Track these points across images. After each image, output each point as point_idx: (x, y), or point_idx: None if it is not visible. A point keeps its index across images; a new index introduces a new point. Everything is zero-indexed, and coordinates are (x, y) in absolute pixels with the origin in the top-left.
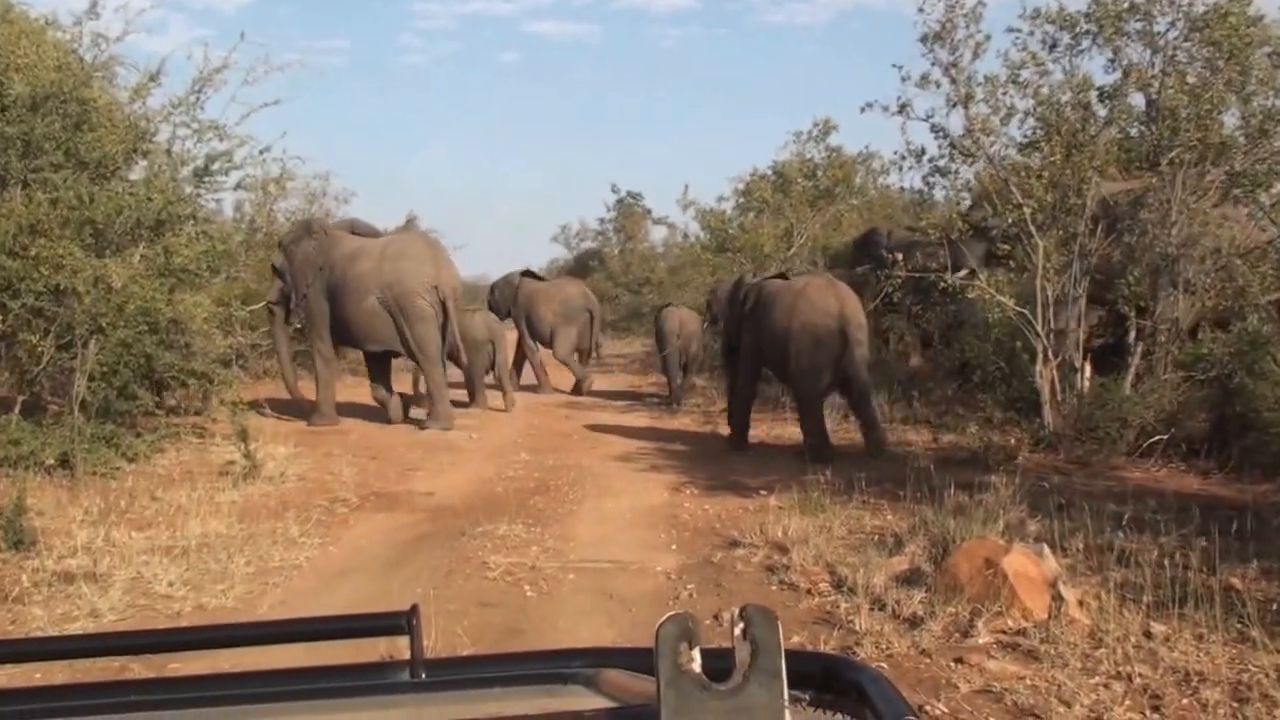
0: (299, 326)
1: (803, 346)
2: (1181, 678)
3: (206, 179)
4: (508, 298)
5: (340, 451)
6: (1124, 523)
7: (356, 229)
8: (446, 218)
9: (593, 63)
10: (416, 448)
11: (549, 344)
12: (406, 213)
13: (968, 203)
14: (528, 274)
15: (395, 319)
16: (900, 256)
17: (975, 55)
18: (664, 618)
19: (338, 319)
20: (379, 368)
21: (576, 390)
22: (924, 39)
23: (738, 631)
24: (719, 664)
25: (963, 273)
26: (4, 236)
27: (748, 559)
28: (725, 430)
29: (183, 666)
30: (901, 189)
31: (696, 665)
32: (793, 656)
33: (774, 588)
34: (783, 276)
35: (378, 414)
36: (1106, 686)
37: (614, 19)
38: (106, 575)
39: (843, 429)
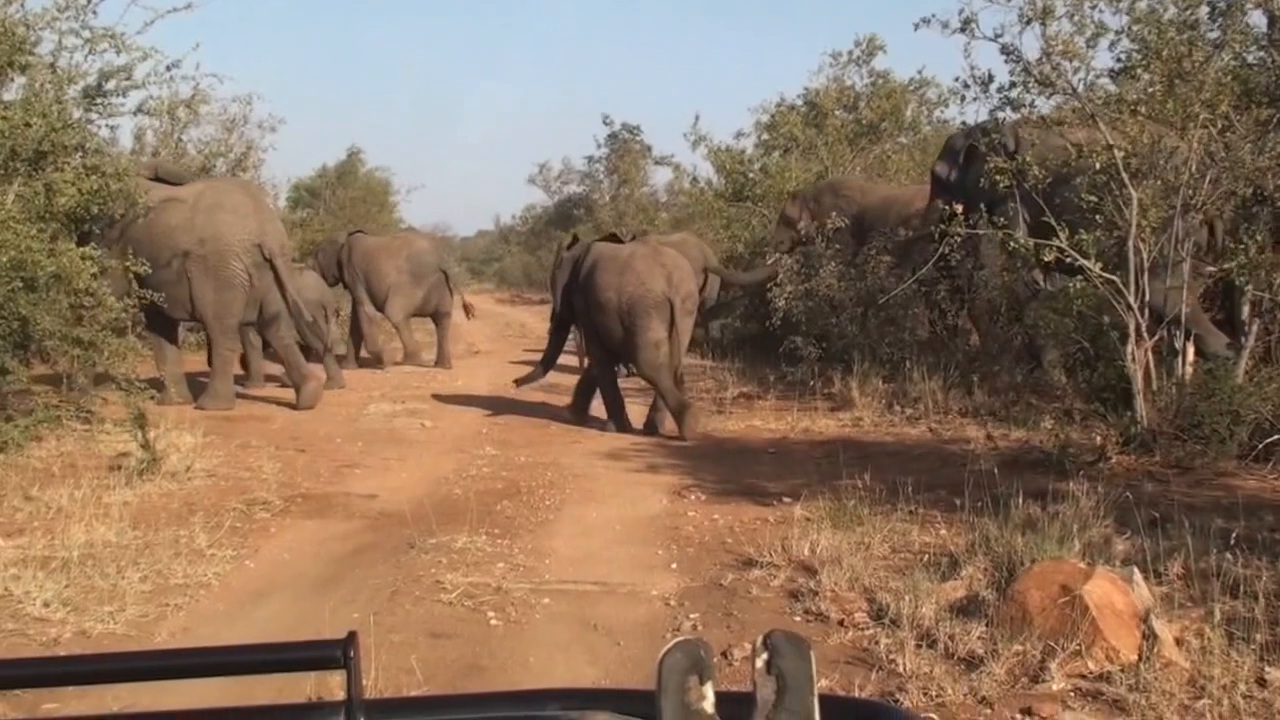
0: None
1: (638, 321)
2: None
3: (100, 100)
4: (334, 260)
5: (260, 443)
6: (1234, 542)
7: (161, 174)
8: (398, 153)
9: None
10: (355, 439)
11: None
12: (348, 146)
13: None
14: (360, 233)
15: (195, 279)
16: (960, 208)
17: None
18: (669, 644)
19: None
20: (168, 332)
21: (405, 360)
22: None
23: (760, 664)
24: (735, 709)
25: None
26: None
27: (766, 582)
28: (736, 423)
29: (61, 706)
30: (963, 125)
31: (709, 705)
32: (823, 702)
33: (798, 618)
34: (614, 238)
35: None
36: None
37: None
38: None
39: (885, 420)
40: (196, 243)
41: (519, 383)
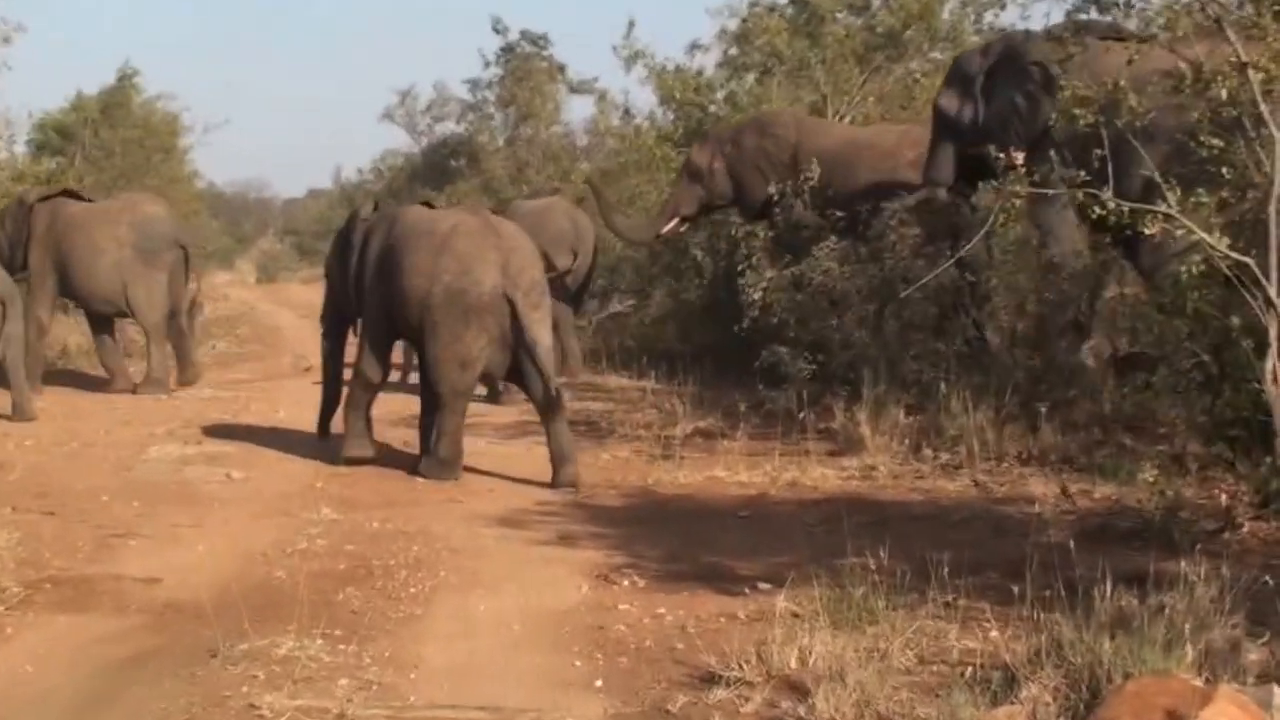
0: None
1: (447, 322)
2: None
3: None
4: (22, 230)
5: None
6: None
7: None
8: (191, 77)
9: None
10: (130, 496)
11: (114, 302)
12: (119, 65)
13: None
14: (67, 194)
15: None
16: (1019, 159)
17: None
18: None
19: None
20: None
21: (183, 379)
22: None
23: None
24: None
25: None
26: None
27: (734, 707)
28: (691, 474)
29: None
30: (1028, 35)
31: None
32: None
33: None
34: (427, 205)
35: (69, 429)
36: None
37: None
38: None
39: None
40: None
41: (321, 435)
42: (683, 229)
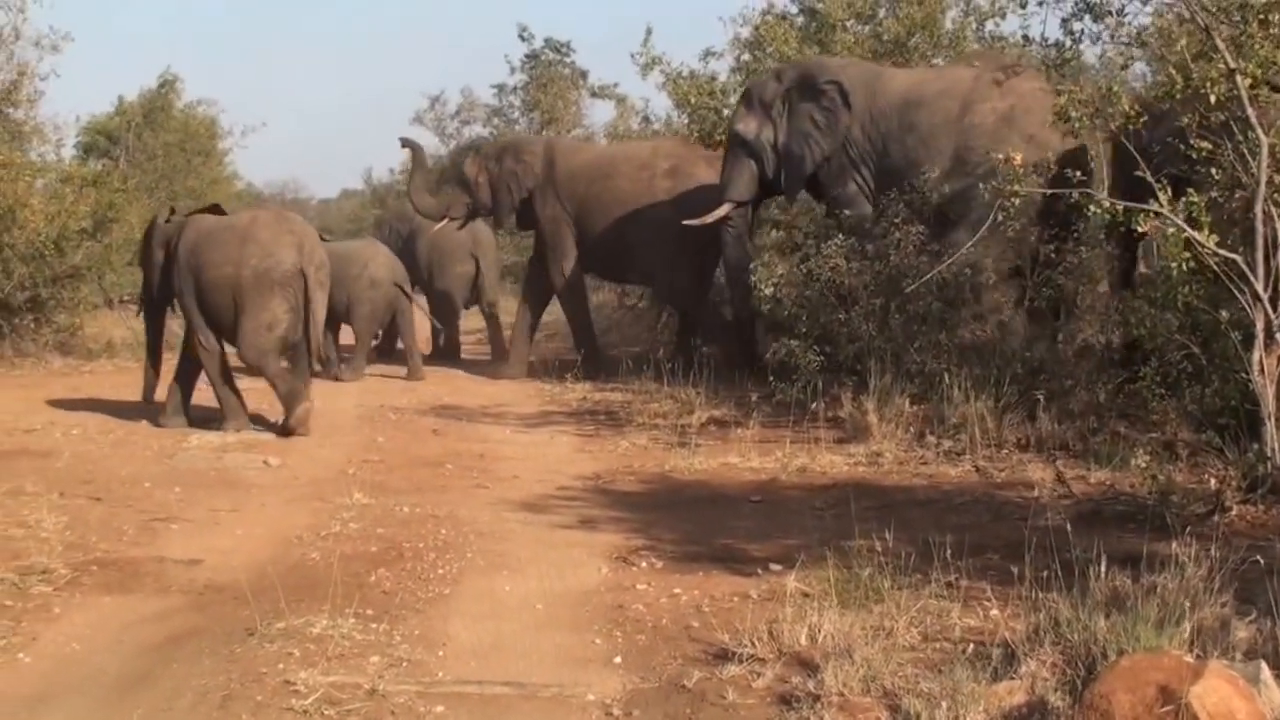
0: None
1: (256, 298)
2: None
3: None
4: None
5: (39, 487)
6: None
7: None
8: (231, 81)
9: None
10: (171, 483)
11: None
12: (160, 71)
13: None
14: None
15: None
16: (1017, 160)
17: None
18: None
19: None
20: None
21: None
22: None
23: None
24: None
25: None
26: None
27: (747, 682)
28: (705, 460)
29: None
30: (1026, 40)
31: None
32: None
33: None
34: (217, 210)
35: (113, 419)
36: None
37: None
38: None
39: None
40: None
41: (147, 399)
42: (455, 228)
